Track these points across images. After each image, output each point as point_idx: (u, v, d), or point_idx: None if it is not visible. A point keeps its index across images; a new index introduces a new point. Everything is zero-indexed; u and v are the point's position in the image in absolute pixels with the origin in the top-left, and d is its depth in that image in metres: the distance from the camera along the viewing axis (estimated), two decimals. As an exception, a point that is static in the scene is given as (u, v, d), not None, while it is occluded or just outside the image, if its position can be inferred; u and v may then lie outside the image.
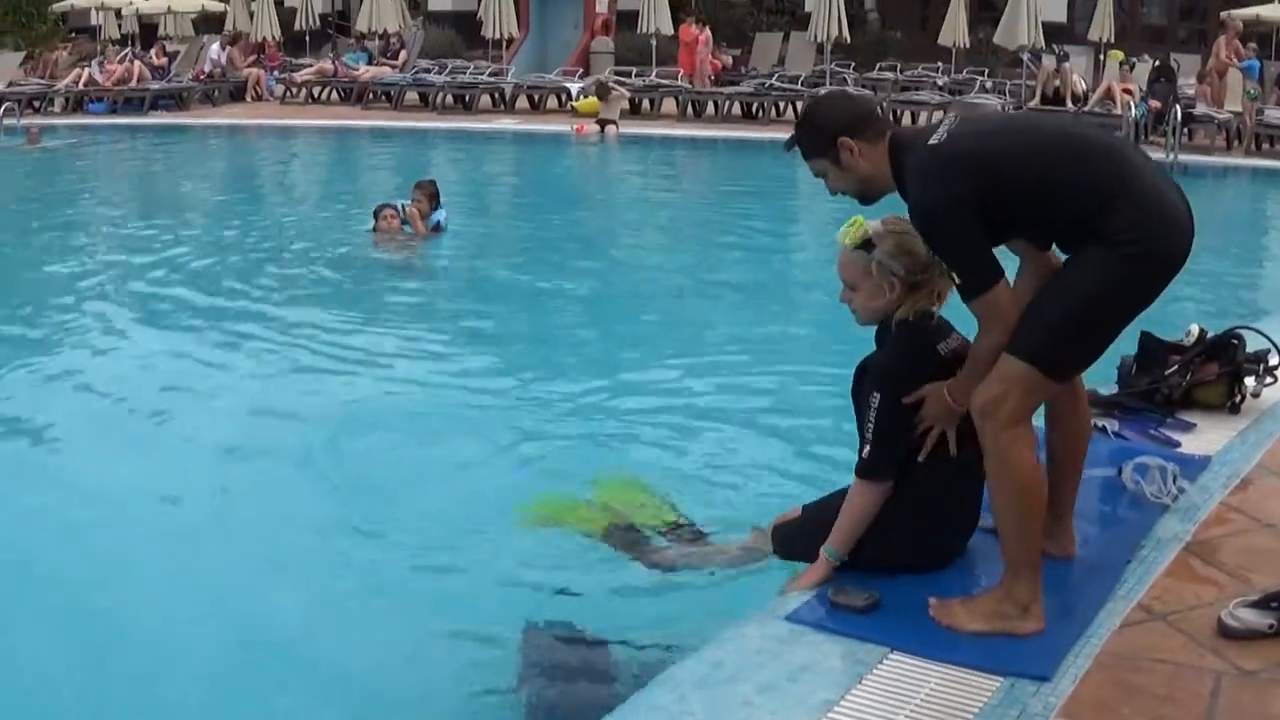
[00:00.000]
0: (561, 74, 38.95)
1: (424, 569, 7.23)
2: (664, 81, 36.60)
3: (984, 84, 35.37)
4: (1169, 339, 8.72)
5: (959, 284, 5.45)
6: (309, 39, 45.53)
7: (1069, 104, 29.93)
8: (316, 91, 39.79)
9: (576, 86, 36.51)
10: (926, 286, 5.99)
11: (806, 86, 34.69)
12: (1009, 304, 5.41)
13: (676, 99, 35.74)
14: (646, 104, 36.45)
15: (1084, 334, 5.46)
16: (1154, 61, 32.94)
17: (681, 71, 36.99)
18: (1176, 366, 8.42)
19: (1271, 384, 8.53)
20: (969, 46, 38.34)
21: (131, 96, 37.19)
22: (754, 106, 35.26)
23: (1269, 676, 5.06)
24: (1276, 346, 8.59)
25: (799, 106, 33.79)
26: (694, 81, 36.39)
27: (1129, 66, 31.69)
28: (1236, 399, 8.39)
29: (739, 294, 14.96)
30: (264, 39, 43.23)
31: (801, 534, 6.31)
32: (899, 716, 4.88)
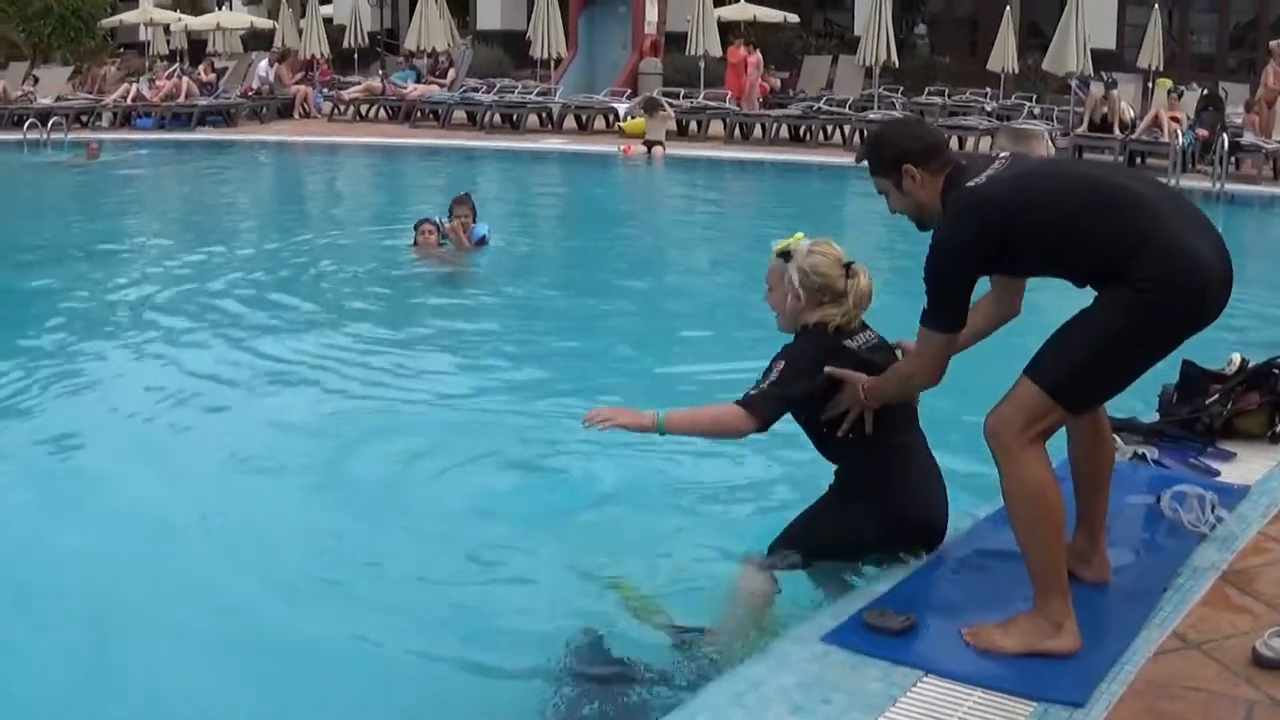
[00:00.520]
0: (609, 94, 39.03)
1: (459, 583, 7.27)
2: (711, 103, 36.57)
3: (1032, 110, 35.28)
4: (1211, 368, 8.71)
5: (925, 307, 5.78)
6: (357, 57, 45.70)
7: (1116, 131, 29.83)
8: (364, 109, 39.92)
9: (624, 107, 36.56)
10: (837, 306, 6.53)
11: (854, 110, 34.74)
12: (941, 354, 5.87)
13: (724, 121, 35.76)
14: (694, 125, 36.42)
15: (1105, 371, 5.53)
16: (1202, 90, 32.84)
17: (729, 93, 37.04)
18: (1217, 395, 8.41)
19: (1313, 414, 8.51)
20: (1017, 72, 38.29)
21: (179, 112, 37.38)
22: (801, 129, 35.09)
23: (1303, 706, 5.06)
24: (1319, 377, 8.57)
25: (846, 130, 33.84)
26: (742, 104, 36.43)
27: (1177, 95, 31.59)
28: (1277, 428, 8.37)
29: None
30: (313, 56, 43.41)
31: (784, 538, 6.59)
32: (932, 739, 4.91)
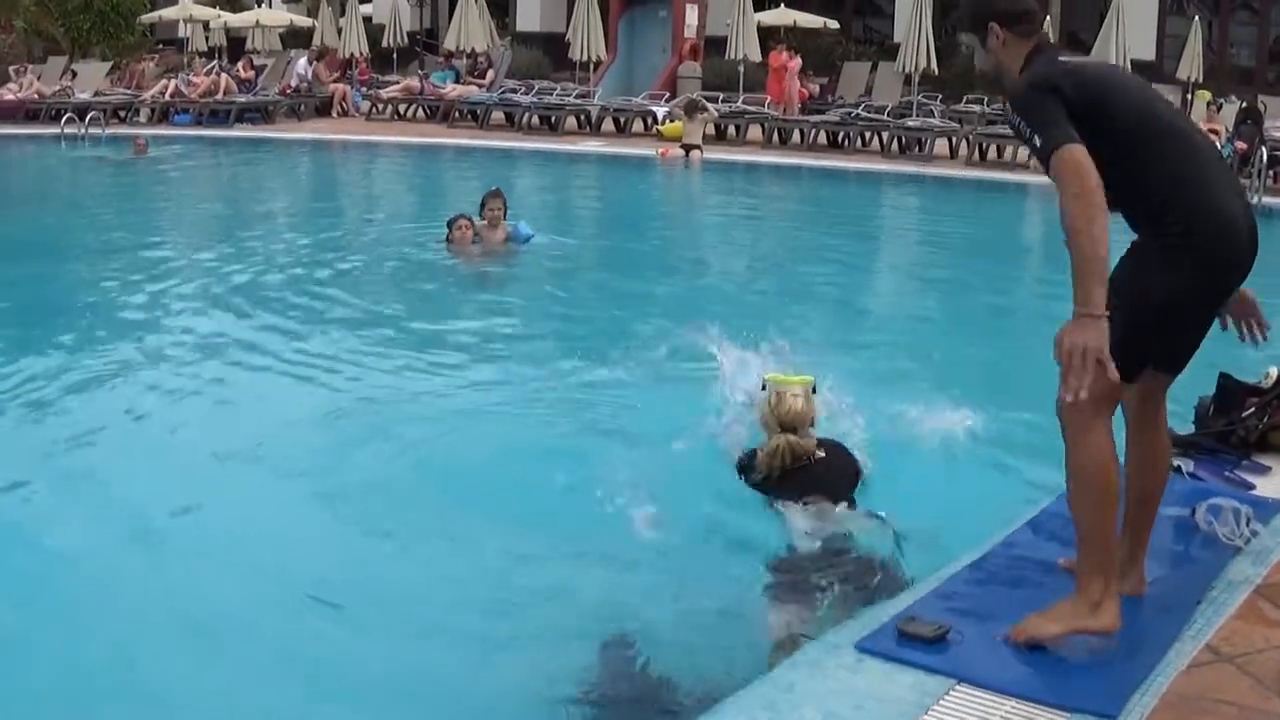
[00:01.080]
0: (648, 97, 39.07)
1: (489, 582, 7.30)
2: (750, 108, 36.63)
3: (1071, 119, 35.17)
4: (1247, 381, 8.70)
5: (1035, 146, 5.48)
6: (396, 56, 45.78)
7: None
8: (402, 109, 40.05)
9: (663, 110, 36.56)
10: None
11: (893, 117, 34.71)
12: (1078, 168, 5.33)
13: (762, 126, 35.76)
14: (732, 130, 36.39)
15: (1136, 329, 5.51)
16: (1241, 103, 32.75)
17: (769, 98, 37.05)
18: (1254, 409, 8.39)
19: (1349, 428, 8.49)
20: (1057, 82, 38.16)
21: (217, 109, 37.56)
22: (840, 135, 35.16)
23: (1335, 721, 5.06)
24: (1356, 392, 8.55)
25: (884, 137, 33.85)
26: (783, 109, 36.43)
27: (1216, 107, 31.58)
28: (1313, 443, 8.36)
29: (817, 326, 14.90)
30: (351, 55, 43.50)
31: None
32: (964, 748, 4.92)
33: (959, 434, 8.75)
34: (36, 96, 37.28)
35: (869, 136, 34.91)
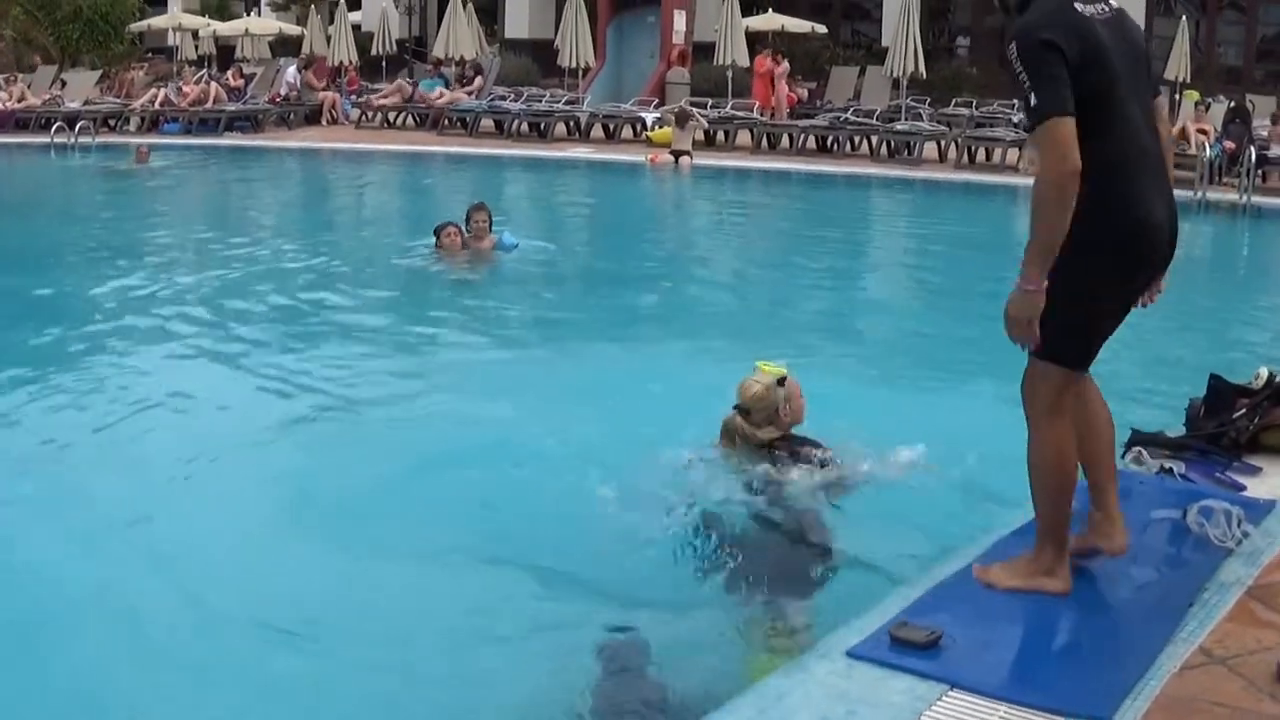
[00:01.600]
0: (637, 104, 39.08)
1: (482, 587, 7.29)
2: (739, 113, 36.64)
3: (1060, 121, 35.18)
4: (1238, 382, 8.70)
5: (1027, 102, 5.64)
6: (385, 64, 45.79)
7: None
8: (392, 117, 40.00)
9: (652, 116, 36.58)
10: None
11: (882, 121, 34.75)
12: (1063, 139, 5.50)
13: (751, 131, 35.78)
14: (721, 135, 36.38)
15: (1059, 320, 5.75)
16: (1230, 102, 32.81)
17: (756, 103, 37.06)
18: (1244, 410, 8.38)
19: (1340, 429, 8.49)
20: (1046, 83, 38.20)
21: (207, 117, 37.55)
22: (829, 140, 35.17)
23: (1328, 723, 5.06)
24: (1346, 392, 8.55)
25: (873, 141, 33.88)
26: (770, 113, 36.46)
27: (1204, 107, 31.59)
28: (1304, 443, 8.36)
29: (807, 331, 14.91)
30: (341, 63, 43.52)
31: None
32: (957, 753, 4.92)
33: (950, 437, 8.73)
34: (23, 106, 37.28)
35: (858, 141, 34.92)
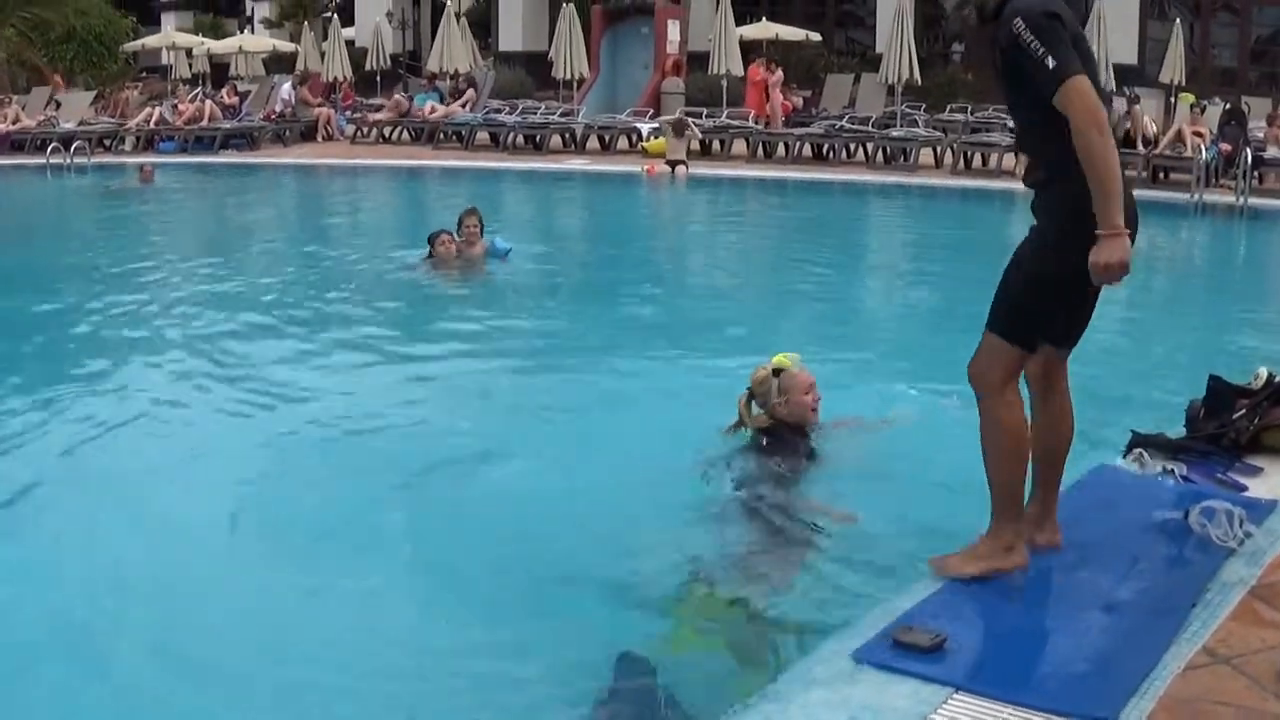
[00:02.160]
0: (632, 114, 39.11)
1: (485, 602, 7.24)
2: (734, 122, 36.64)
3: (1055, 126, 35.17)
4: (1237, 383, 8.71)
5: (1049, 72, 5.80)
6: (380, 79, 45.85)
7: (1139, 147, 29.82)
8: (387, 131, 40.02)
9: (647, 127, 36.58)
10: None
11: (877, 128, 34.78)
12: (1086, 97, 5.79)
13: (747, 140, 35.78)
14: (717, 145, 36.38)
15: (1035, 302, 6.12)
16: (1225, 104, 32.82)
17: (751, 112, 37.06)
18: (1244, 410, 8.39)
19: (1340, 428, 8.48)
20: (1040, 88, 38.20)
21: (202, 135, 37.57)
22: (824, 148, 35.18)
23: (1333, 720, 5.05)
24: (1345, 390, 8.55)
25: (869, 148, 33.89)
26: (765, 122, 36.47)
27: (1200, 109, 31.60)
28: (1305, 443, 8.36)
29: (808, 338, 14.84)
30: (335, 79, 43.57)
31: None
32: (962, 756, 4.92)
33: (949, 439, 8.73)
34: (18, 128, 37.27)
35: (854, 148, 34.84)
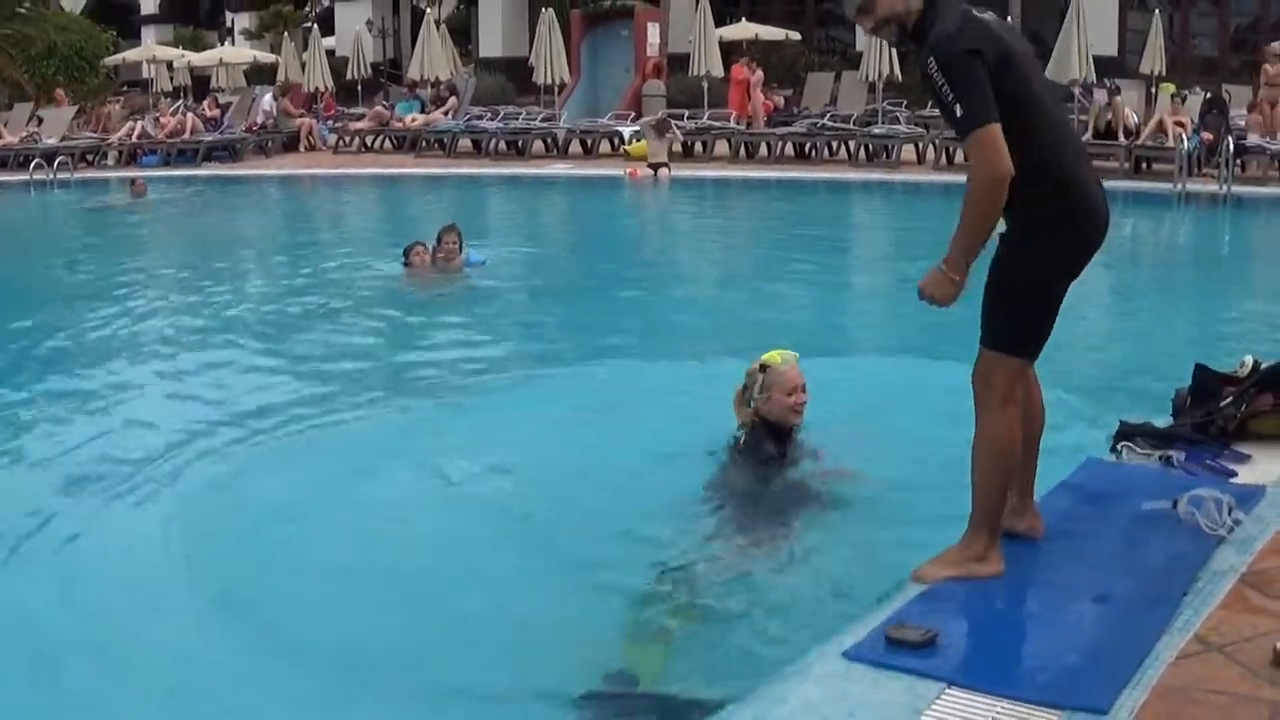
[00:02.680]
0: (614, 118, 39.11)
1: (478, 608, 7.21)
2: (716, 123, 36.63)
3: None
4: (1223, 371, 8.72)
5: (956, 116, 5.83)
6: (361, 88, 45.83)
7: (1121, 138, 29.84)
8: (369, 140, 40.01)
9: (629, 130, 36.59)
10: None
11: (859, 125, 34.79)
12: (992, 147, 5.76)
13: (729, 141, 35.78)
14: (699, 146, 36.41)
15: (1018, 312, 6.13)
16: (1206, 93, 32.85)
17: (733, 113, 37.08)
18: (1231, 398, 8.40)
19: (1327, 413, 8.50)
20: (1021, 81, 38.23)
21: (185, 148, 37.53)
22: (807, 146, 35.21)
23: (1327, 706, 5.06)
24: (1331, 376, 8.56)
25: (851, 146, 33.93)
26: (747, 122, 36.48)
27: (1181, 99, 31.61)
28: (1291, 429, 8.37)
29: (798, 336, 14.81)
30: (316, 89, 43.56)
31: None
32: (957, 751, 4.92)
33: (937, 437, 8.73)
34: (0, 145, 37.23)
35: (836, 146, 34.91)
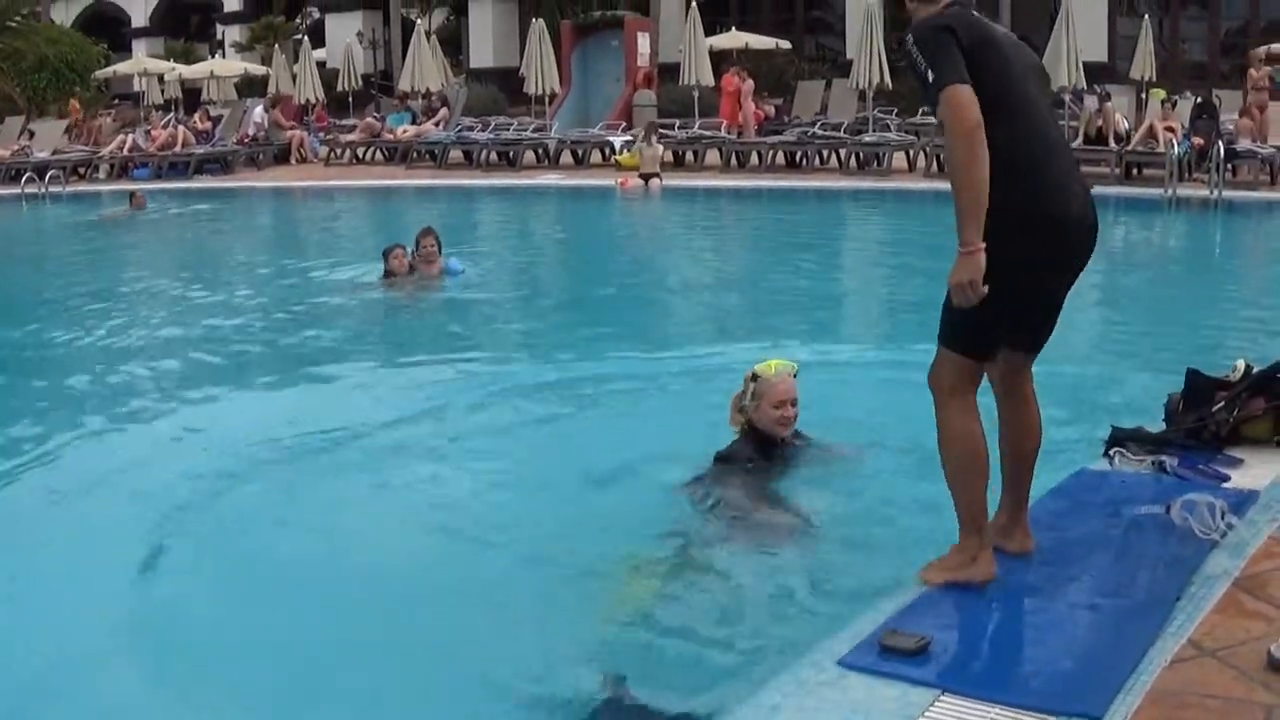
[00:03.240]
0: (604, 128, 39.10)
1: (465, 615, 7.19)
2: (706, 133, 36.67)
3: (1026, 125, 35.24)
4: (1215, 375, 8.72)
5: (929, 81, 5.82)
6: (352, 100, 45.84)
7: (1111, 143, 29.89)
8: (360, 152, 39.99)
9: (620, 140, 36.60)
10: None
11: (849, 133, 34.80)
12: (963, 106, 5.73)
13: (720, 150, 35.79)
14: (690, 156, 36.43)
15: (978, 314, 5.92)
16: (1196, 98, 32.88)
17: (724, 122, 37.08)
18: (1223, 402, 8.40)
19: (1319, 417, 8.50)
20: (1011, 88, 38.26)
21: (176, 161, 37.56)
22: (798, 155, 35.22)
23: (1321, 709, 5.05)
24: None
25: (841, 154, 33.95)
26: (739, 131, 36.50)
27: (1171, 104, 31.65)
28: (1284, 433, 8.37)
29: (791, 345, 14.82)
30: (307, 101, 43.57)
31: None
32: (952, 758, 4.92)
33: (930, 442, 8.73)
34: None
35: (826, 154, 34.99)
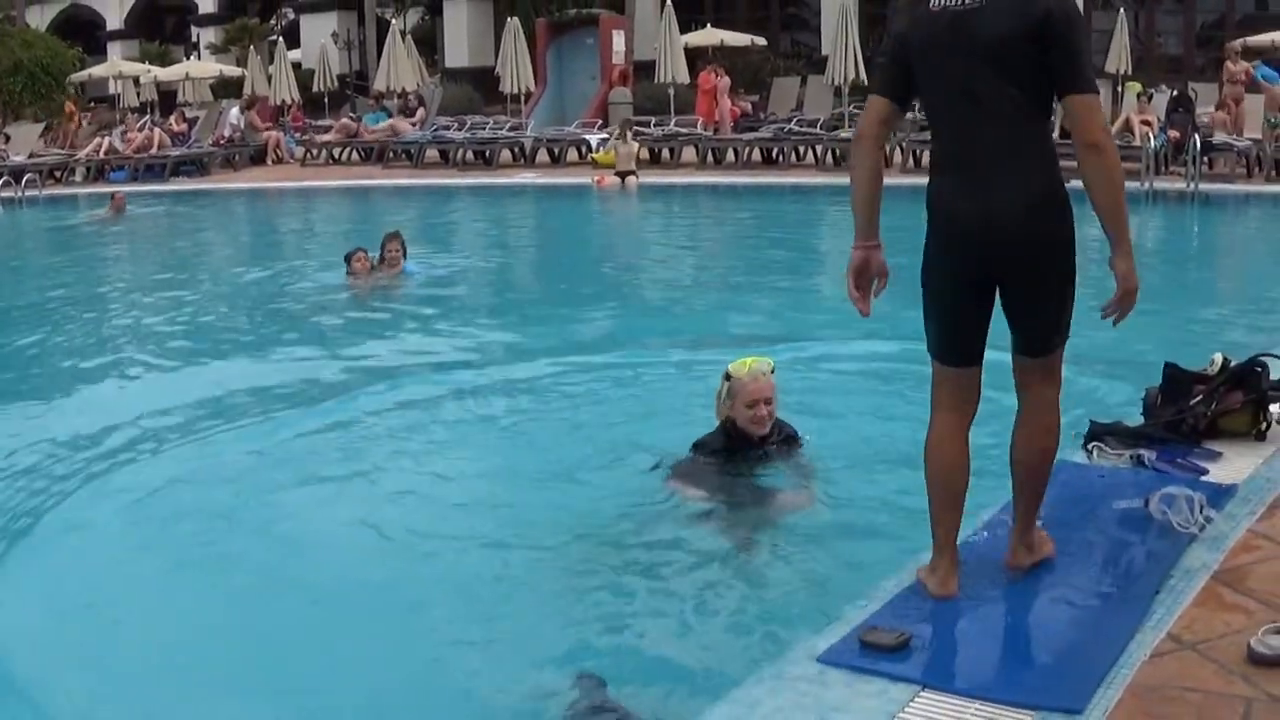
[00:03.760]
0: (580, 126, 39.09)
1: (445, 618, 7.18)
2: (683, 130, 36.69)
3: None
4: (1193, 369, 8.71)
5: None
6: (327, 100, 45.79)
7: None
8: (337, 152, 39.99)
9: (596, 138, 36.60)
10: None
11: (825, 130, 34.81)
12: (867, 111, 6.13)
13: (696, 147, 35.81)
14: (666, 153, 36.47)
15: (930, 316, 6.08)
16: (1172, 91, 32.96)
17: (700, 119, 37.07)
18: (1201, 396, 8.40)
19: (1296, 410, 8.51)
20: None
21: (152, 163, 37.47)
22: (774, 151, 35.30)
23: (1300, 702, 5.06)
24: (1300, 373, 8.58)
25: (818, 150, 33.99)
26: (715, 128, 36.49)
27: (1147, 97, 31.71)
28: (1262, 426, 8.35)
29: (766, 341, 14.80)
30: (283, 101, 43.52)
31: None
32: (932, 754, 4.91)
33: (911, 440, 8.73)
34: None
35: (803, 151, 35.07)
